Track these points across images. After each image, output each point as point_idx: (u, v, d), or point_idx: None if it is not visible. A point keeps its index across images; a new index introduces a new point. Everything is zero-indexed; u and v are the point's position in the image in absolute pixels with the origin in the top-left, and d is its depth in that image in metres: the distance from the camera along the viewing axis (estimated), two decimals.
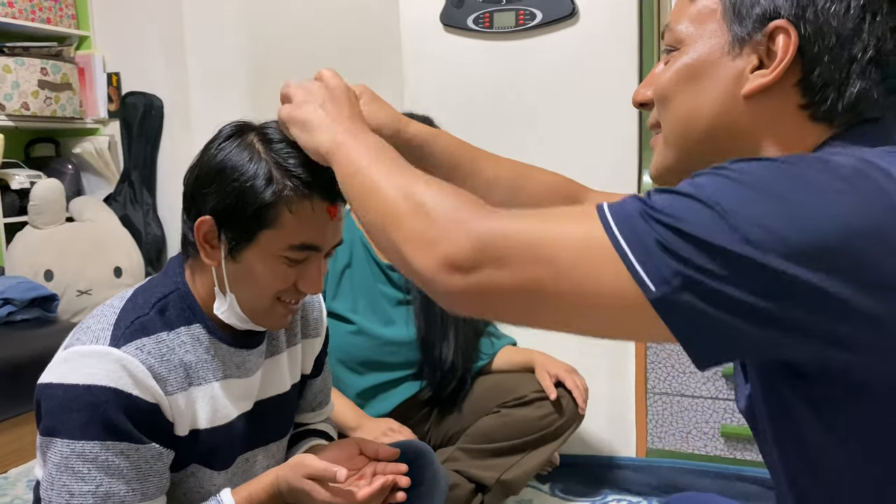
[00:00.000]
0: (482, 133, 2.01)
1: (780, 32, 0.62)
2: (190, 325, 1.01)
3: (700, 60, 0.67)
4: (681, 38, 0.69)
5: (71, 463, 0.90)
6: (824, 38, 0.61)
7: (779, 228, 0.51)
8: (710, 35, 0.67)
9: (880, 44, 0.61)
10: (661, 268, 0.53)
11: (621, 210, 0.57)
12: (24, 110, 2.67)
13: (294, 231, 0.95)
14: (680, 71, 0.69)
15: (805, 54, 0.62)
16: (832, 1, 0.61)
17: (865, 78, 0.62)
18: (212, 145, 0.99)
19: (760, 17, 0.63)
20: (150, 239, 2.88)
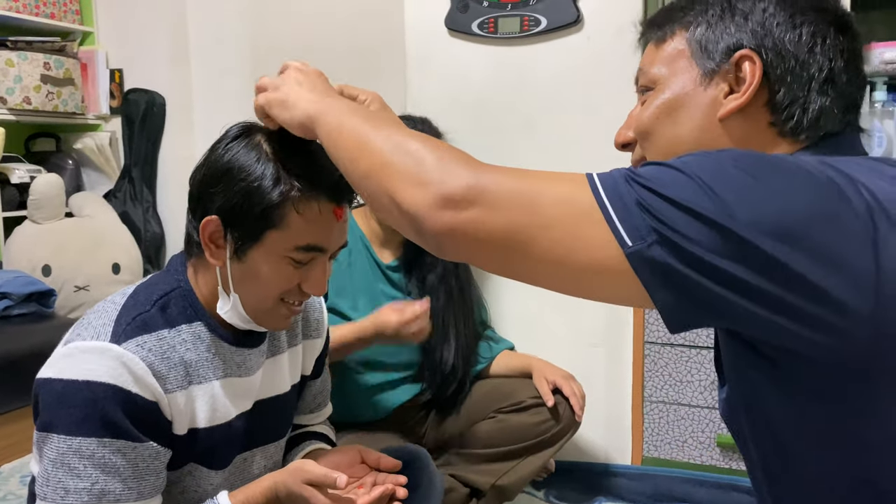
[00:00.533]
0: (485, 138, 2.02)
1: (745, 60, 0.70)
2: (191, 323, 1.01)
3: (676, 94, 0.74)
4: (655, 79, 0.76)
5: (67, 459, 0.89)
6: (785, 61, 0.70)
7: (754, 204, 0.56)
8: (682, 71, 0.74)
9: (832, 64, 0.70)
10: (638, 225, 0.57)
11: (608, 176, 0.62)
12: (25, 104, 2.66)
13: (300, 232, 0.95)
14: (659, 107, 0.75)
15: (770, 77, 0.70)
16: (787, 30, 0.70)
17: (824, 94, 0.70)
18: (219, 145, 0.99)
19: (726, 49, 0.71)
20: (149, 236, 2.88)
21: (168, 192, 2.94)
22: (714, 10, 0.74)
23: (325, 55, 2.53)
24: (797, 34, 0.70)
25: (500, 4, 1.95)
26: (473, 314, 1.83)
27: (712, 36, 0.73)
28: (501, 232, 0.61)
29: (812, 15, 0.70)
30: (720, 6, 0.74)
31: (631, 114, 0.81)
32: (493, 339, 1.87)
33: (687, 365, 1.81)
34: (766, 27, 0.70)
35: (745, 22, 0.71)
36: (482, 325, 1.87)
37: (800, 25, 0.70)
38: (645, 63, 0.79)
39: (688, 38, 0.74)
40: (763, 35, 0.70)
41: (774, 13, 0.71)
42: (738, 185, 0.57)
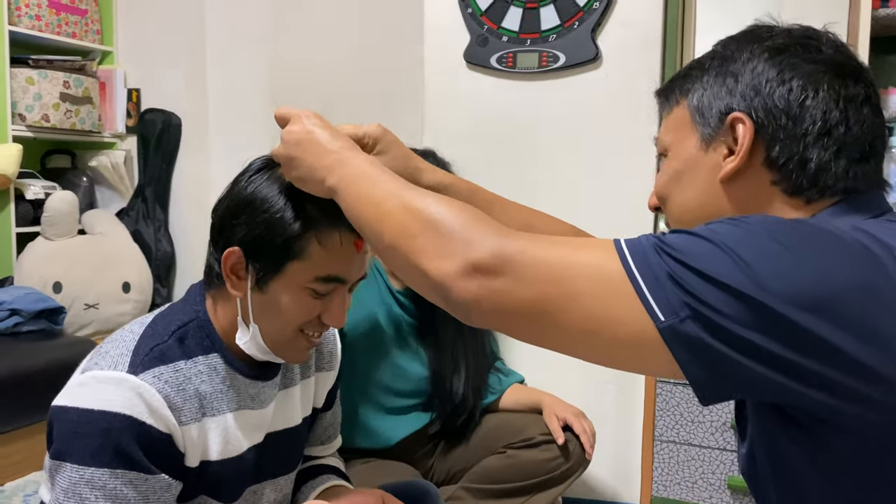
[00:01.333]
0: (501, 172, 2.03)
1: (737, 122, 0.71)
2: (208, 355, 1.01)
3: (682, 161, 0.77)
4: (665, 146, 0.80)
5: (78, 489, 0.89)
6: (776, 119, 0.70)
7: (787, 277, 0.55)
8: (686, 138, 0.76)
9: (826, 115, 0.69)
10: (670, 299, 0.56)
11: (637, 244, 0.61)
12: (44, 122, 2.68)
13: (322, 263, 0.96)
14: (669, 173, 0.78)
15: (763, 136, 0.70)
16: (776, 87, 0.70)
17: (821, 148, 0.69)
18: (242, 178, 1.00)
19: (719, 114, 0.73)
20: (160, 255, 2.88)
21: (180, 212, 2.95)
22: (709, 74, 0.75)
23: (344, 85, 2.55)
24: (787, 89, 0.70)
25: (520, 40, 1.97)
26: (484, 345, 1.83)
27: (707, 101, 0.74)
28: (529, 303, 0.60)
29: (804, 67, 0.70)
30: (715, 70, 0.75)
31: (655, 182, 0.83)
32: (502, 372, 1.86)
33: (699, 405, 1.80)
34: (756, 87, 0.71)
35: (735, 84, 0.72)
36: (492, 357, 1.86)
37: (789, 80, 0.70)
38: (660, 131, 0.82)
39: (688, 104, 0.76)
40: (753, 95, 0.71)
41: (763, 70, 0.71)
42: (769, 255, 0.56)
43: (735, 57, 0.74)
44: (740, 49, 0.74)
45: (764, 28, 0.77)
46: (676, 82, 0.79)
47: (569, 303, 0.59)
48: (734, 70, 0.73)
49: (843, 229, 0.61)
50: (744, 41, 0.75)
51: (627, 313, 0.57)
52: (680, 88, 0.78)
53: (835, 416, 0.56)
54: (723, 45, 0.78)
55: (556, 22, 1.93)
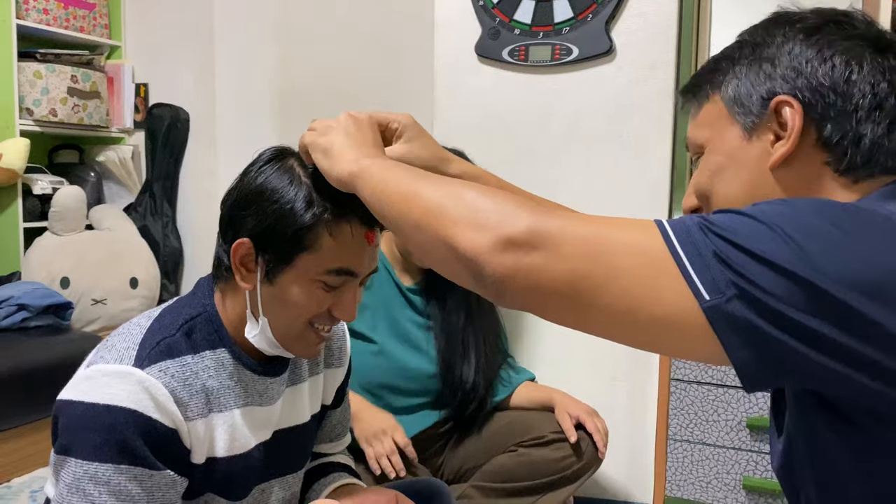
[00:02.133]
0: (513, 166, 2.00)
1: (783, 106, 0.69)
2: (215, 350, 0.99)
3: (724, 154, 0.74)
4: (701, 143, 0.76)
5: (82, 485, 0.88)
6: (824, 97, 0.68)
7: (840, 258, 0.53)
8: (725, 131, 0.74)
9: (875, 88, 0.67)
10: (716, 278, 0.54)
11: (680, 223, 0.58)
12: (51, 116, 2.67)
13: (332, 255, 0.94)
14: (711, 168, 0.75)
15: (813, 116, 0.68)
16: (818, 65, 0.68)
17: (874, 122, 0.67)
18: (251, 169, 0.98)
19: (761, 101, 0.70)
20: (167, 251, 2.87)
21: (188, 208, 2.94)
22: (741, 64, 0.73)
23: (354, 79, 2.53)
24: (829, 66, 0.68)
25: (532, 32, 1.94)
26: (496, 336, 1.81)
27: (745, 90, 0.72)
28: (566, 279, 0.57)
29: (842, 44, 0.68)
30: (747, 59, 0.72)
31: (690, 184, 0.80)
32: (513, 369, 1.84)
33: (714, 404, 1.77)
34: (796, 68, 0.69)
35: (773, 68, 0.70)
36: (504, 355, 1.84)
37: (830, 58, 0.68)
38: (690, 131, 0.79)
39: (722, 96, 0.74)
40: (795, 77, 0.69)
41: (801, 51, 0.69)
42: (820, 236, 0.54)
43: (767, 42, 0.72)
44: (771, 34, 0.72)
45: (790, 12, 0.74)
46: (704, 77, 0.77)
47: (608, 281, 0.56)
48: (769, 55, 0.71)
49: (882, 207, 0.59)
50: (773, 26, 0.73)
51: (670, 292, 0.55)
52: (710, 83, 0.76)
53: (883, 405, 0.54)
54: (749, 33, 0.75)
55: (570, 14, 1.91)
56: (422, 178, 0.70)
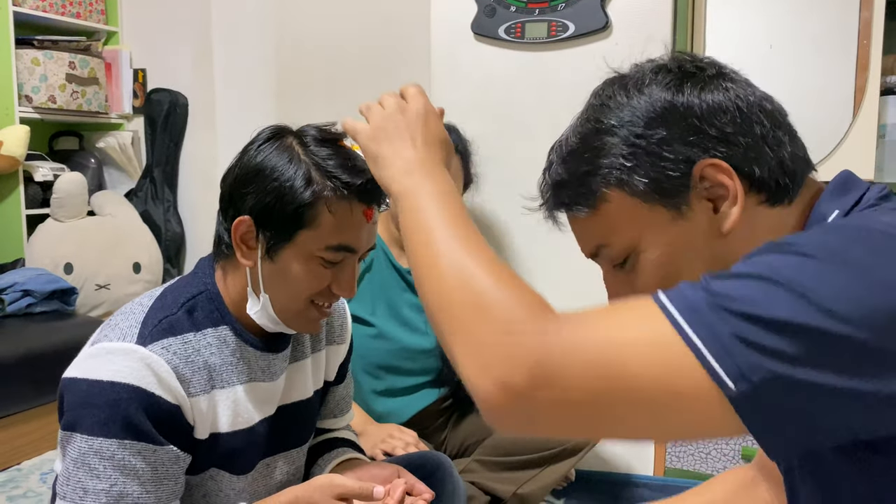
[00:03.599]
0: (510, 143, 2.00)
1: (706, 170, 0.65)
2: (217, 327, 1.01)
3: (667, 245, 0.67)
4: (623, 248, 0.69)
5: (87, 459, 0.90)
6: (736, 144, 0.65)
7: (859, 297, 0.49)
8: (651, 222, 0.67)
9: (763, 111, 0.66)
10: (738, 362, 0.49)
11: (684, 302, 0.53)
12: (50, 103, 2.68)
13: (332, 231, 0.96)
14: (659, 264, 0.68)
15: (737, 166, 0.65)
16: (713, 116, 0.65)
17: (782, 141, 0.66)
18: (251, 147, 0.99)
19: (679, 175, 0.65)
20: (169, 236, 2.89)
21: (189, 192, 2.95)
22: (624, 149, 0.66)
23: (350, 58, 2.53)
24: (721, 112, 0.65)
25: (528, 9, 1.94)
26: None
27: (654, 173, 0.65)
28: (584, 404, 0.53)
29: (710, 85, 0.66)
30: (629, 142, 0.66)
31: (609, 285, 0.72)
32: None
33: None
34: (694, 129, 0.65)
35: (670, 141, 0.65)
36: None
37: (717, 104, 0.65)
38: (588, 236, 0.71)
39: (627, 192, 0.67)
40: (698, 138, 0.65)
41: (687, 110, 0.65)
42: (839, 279, 0.50)
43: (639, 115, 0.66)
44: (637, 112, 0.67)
45: (636, 77, 0.69)
46: (579, 182, 0.69)
47: (626, 393, 0.52)
48: (651, 126, 0.66)
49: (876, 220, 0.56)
50: (632, 95, 0.67)
51: (693, 386, 0.51)
52: (594, 185, 0.68)
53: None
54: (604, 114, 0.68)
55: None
56: (448, 237, 0.64)
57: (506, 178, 2.00)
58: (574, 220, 0.71)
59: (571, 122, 0.72)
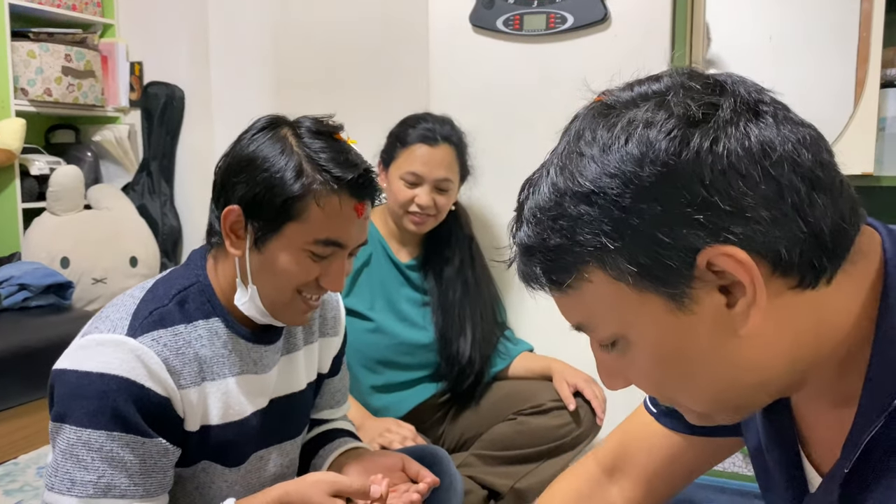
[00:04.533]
0: (508, 136, 1.99)
1: (716, 259, 0.50)
2: (208, 319, 1.00)
3: (660, 342, 0.54)
4: (608, 335, 0.56)
5: (76, 450, 0.89)
6: (758, 222, 0.49)
7: None
8: (641, 312, 0.53)
9: (799, 164, 0.50)
10: None
11: None
12: (46, 96, 2.66)
13: (320, 226, 0.95)
14: (649, 368, 0.56)
15: (751, 250, 0.49)
16: (728, 185, 0.49)
17: (820, 205, 0.50)
18: (244, 136, 0.99)
19: (681, 267, 0.50)
20: (166, 230, 2.88)
21: (186, 186, 2.94)
22: (616, 228, 0.51)
23: (348, 51, 2.51)
24: (740, 177, 0.49)
25: (527, 1, 1.92)
26: (492, 310, 1.81)
27: (648, 258, 0.50)
28: None
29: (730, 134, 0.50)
30: (615, 220, 0.51)
31: (598, 357, 0.61)
32: (511, 341, 1.85)
33: None
34: (703, 204, 0.49)
35: (671, 220, 0.50)
36: (500, 326, 1.85)
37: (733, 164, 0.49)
38: (570, 313, 0.58)
39: (614, 275, 0.52)
40: (709, 217, 0.49)
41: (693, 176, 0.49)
42: None
43: (623, 189, 0.50)
44: (623, 176, 0.50)
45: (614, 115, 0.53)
46: (553, 254, 0.54)
47: None
48: (645, 209, 0.50)
49: None
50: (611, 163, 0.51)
51: None
52: (575, 261, 0.53)
53: None
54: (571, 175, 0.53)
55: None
56: None
57: (505, 171, 1.99)
58: (555, 296, 0.58)
59: (552, 153, 0.57)
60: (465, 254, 1.78)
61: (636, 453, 0.82)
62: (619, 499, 0.84)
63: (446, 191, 1.70)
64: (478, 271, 1.80)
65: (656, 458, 0.81)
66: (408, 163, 1.67)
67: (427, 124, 1.70)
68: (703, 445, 0.78)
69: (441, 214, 1.72)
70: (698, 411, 0.59)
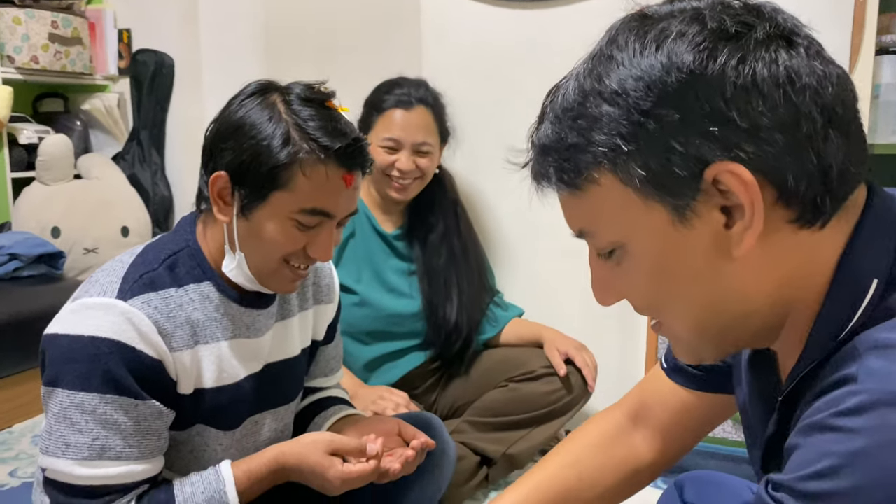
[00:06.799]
0: (502, 104, 1.98)
1: (722, 175, 0.51)
2: (199, 283, 1.00)
3: (659, 253, 0.55)
4: (608, 242, 0.58)
5: (69, 414, 0.89)
6: (771, 142, 0.50)
7: None
8: (645, 220, 0.54)
9: (820, 97, 0.51)
10: None
11: None
12: (33, 63, 2.62)
13: (307, 195, 0.94)
14: (642, 275, 0.57)
15: (765, 172, 0.51)
16: (748, 102, 0.50)
17: (834, 141, 0.51)
18: (234, 101, 0.98)
19: (689, 178, 0.52)
20: (157, 199, 2.85)
21: (177, 156, 2.91)
22: (633, 131, 0.52)
23: (340, 18, 2.48)
24: (761, 98, 0.50)
25: None
26: (478, 273, 1.81)
27: (657, 165, 0.52)
28: None
29: (758, 57, 0.50)
30: (634, 123, 0.52)
31: (594, 268, 0.62)
32: (501, 307, 1.85)
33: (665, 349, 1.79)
34: (719, 117, 0.50)
35: (686, 127, 0.51)
36: (490, 291, 1.85)
37: (757, 84, 0.50)
38: (571, 216, 0.60)
39: (622, 180, 0.54)
40: (722, 131, 0.50)
41: (715, 89, 0.50)
42: None
43: (647, 92, 0.51)
44: (649, 80, 0.51)
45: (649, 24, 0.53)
46: (570, 152, 0.55)
47: None
48: (665, 114, 0.51)
49: None
50: (639, 66, 0.52)
51: None
52: (587, 161, 0.55)
53: None
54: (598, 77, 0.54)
55: None
56: None
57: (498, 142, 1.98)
58: (559, 193, 0.60)
59: (582, 58, 0.58)
60: (449, 219, 1.78)
61: (653, 405, 0.86)
62: (642, 445, 0.87)
63: (427, 153, 1.69)
64: (464, 236, 1.80)
65: (670, 412, 0.84)
66: (385, 129, 1.66)
67: (401, 89, 1.69)
68: (709, 401, 0.82)
69: (426, 177, 1.71)
70: (685, 339, 0.61)
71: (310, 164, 0.93)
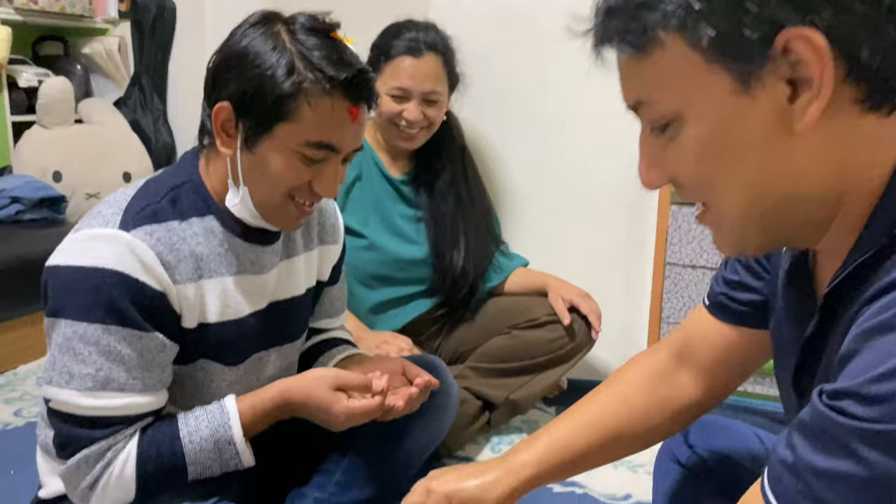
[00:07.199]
0: (512, 53, 1.94)
1: (794, 42, 0.49)
2: (203, 217, 0.99)
3: (717, 122, 0.54)
4: (665, 113, 0.56)
5: (73, 344, 0.89)
6: (850, 10, 0.49)
7: None
8: (707, 87, 0.53)
9: None
10: None
11: None
12: (31, 4, 2.57)
13: (312, 127, 0.92)
14: (698, 148, 0.55)
15: (838, 44, 0.49)
16: None
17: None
18: (237, 31, 0.96)
19: (760, 41, 0.50)
20: (159, 145, 2.82)
21: (179, 101, 2.87)
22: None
23: None
24: None
25: None
26: (484, 221, 1.80)
27: (727, 26, 0.50)
28: None
29: None
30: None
31: (644, 146, 0.60)
32: (506, 256, 1.84)
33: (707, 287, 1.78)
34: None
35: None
36: (495, 240, 1.84)
37: None
38: (631, 84, 0.58)
39: (688, 40, 0.52)
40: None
41: None
42: None
43: None
44: None
45: None
46: (637, 10, 0.54)
47: None
48: None
49: None
50: None
51: None
52: (655, 19, 0.53)
53: None
54: None
55: None
56: None
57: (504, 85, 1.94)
58: (620, 58, 0.58)
59: None
60: (456, 166, 1.76)
61: (697, 343, 0.86)
62: (687, 383, 0.87)
63: (436, 102, 1.66)
64: (471, 183, 1.78)
65: (713, 349, 0.85)
66: (393, 77, 1.63)
67: (410, 33, 1.65)
68: (750, 338, 0.82)
69: (434, 126, 1.69)
70: (731, 223, 0.59)
71: (315, 94, 0.91)
